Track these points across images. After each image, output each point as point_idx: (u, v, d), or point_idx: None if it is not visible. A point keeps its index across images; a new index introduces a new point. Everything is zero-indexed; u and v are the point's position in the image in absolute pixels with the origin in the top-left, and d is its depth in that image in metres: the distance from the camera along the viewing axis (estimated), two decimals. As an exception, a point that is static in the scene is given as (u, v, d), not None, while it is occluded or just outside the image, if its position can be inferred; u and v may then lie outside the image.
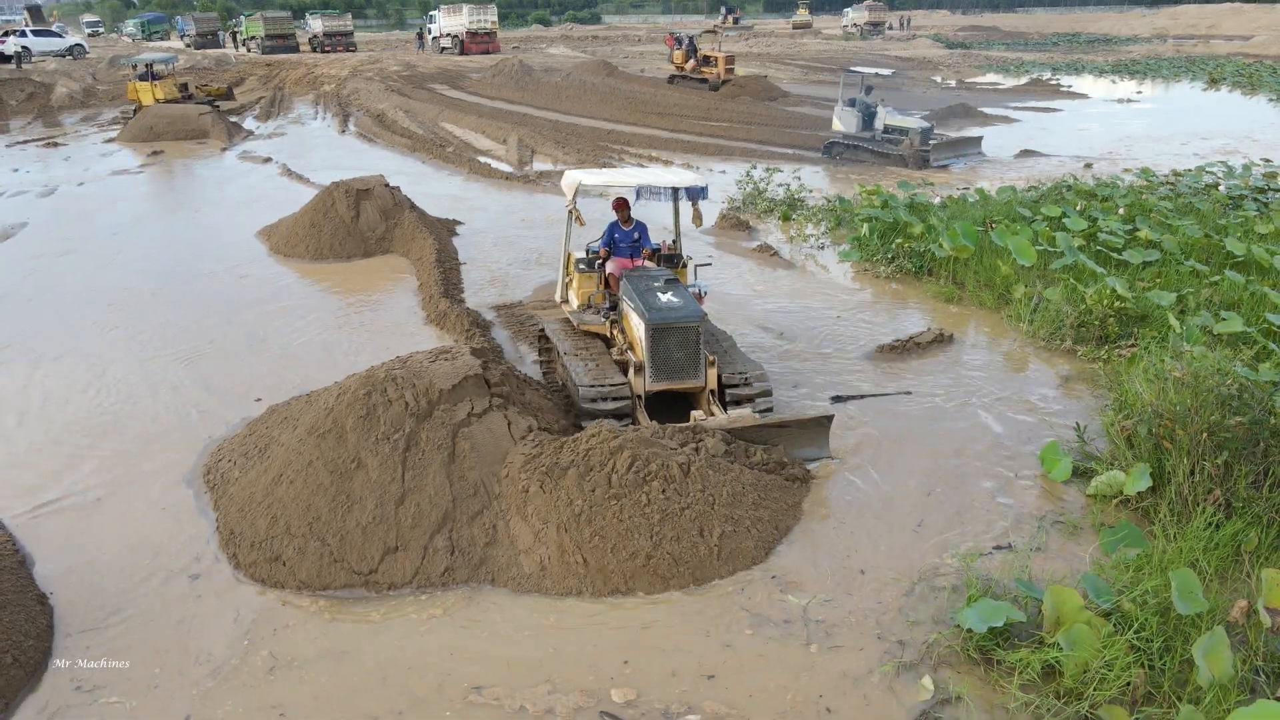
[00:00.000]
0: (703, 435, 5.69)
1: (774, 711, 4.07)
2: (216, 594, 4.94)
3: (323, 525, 5.15)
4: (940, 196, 13.84)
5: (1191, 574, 4.36)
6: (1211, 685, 3.83)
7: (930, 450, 6.45)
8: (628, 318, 6.78)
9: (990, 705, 4.11)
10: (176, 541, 5.42)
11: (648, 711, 4.06)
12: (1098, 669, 4.01)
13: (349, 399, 5.57)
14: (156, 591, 4.96)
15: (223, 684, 4.25)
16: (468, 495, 5.34)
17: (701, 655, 4.42)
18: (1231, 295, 8.74)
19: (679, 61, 31.40)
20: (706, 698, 4.14)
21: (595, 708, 4.07)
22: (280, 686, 4.24)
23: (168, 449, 6.54)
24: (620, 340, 6.96)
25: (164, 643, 4.56)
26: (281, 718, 4.05)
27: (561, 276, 7.96)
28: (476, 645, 4.52)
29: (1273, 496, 5.21)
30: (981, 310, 9.42)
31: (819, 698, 4.16)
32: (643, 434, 5.52)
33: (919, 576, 5.02)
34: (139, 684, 4.28)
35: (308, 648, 4.51)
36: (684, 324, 6.29)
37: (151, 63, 24.66)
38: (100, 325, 9.13)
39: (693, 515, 5.11)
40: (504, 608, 4.82)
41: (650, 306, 6.34)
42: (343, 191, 11.96)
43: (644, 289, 6.59)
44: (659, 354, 6.33)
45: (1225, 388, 5.23)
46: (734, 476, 5.42)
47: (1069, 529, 5.47)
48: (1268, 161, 16.67)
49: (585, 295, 7.51)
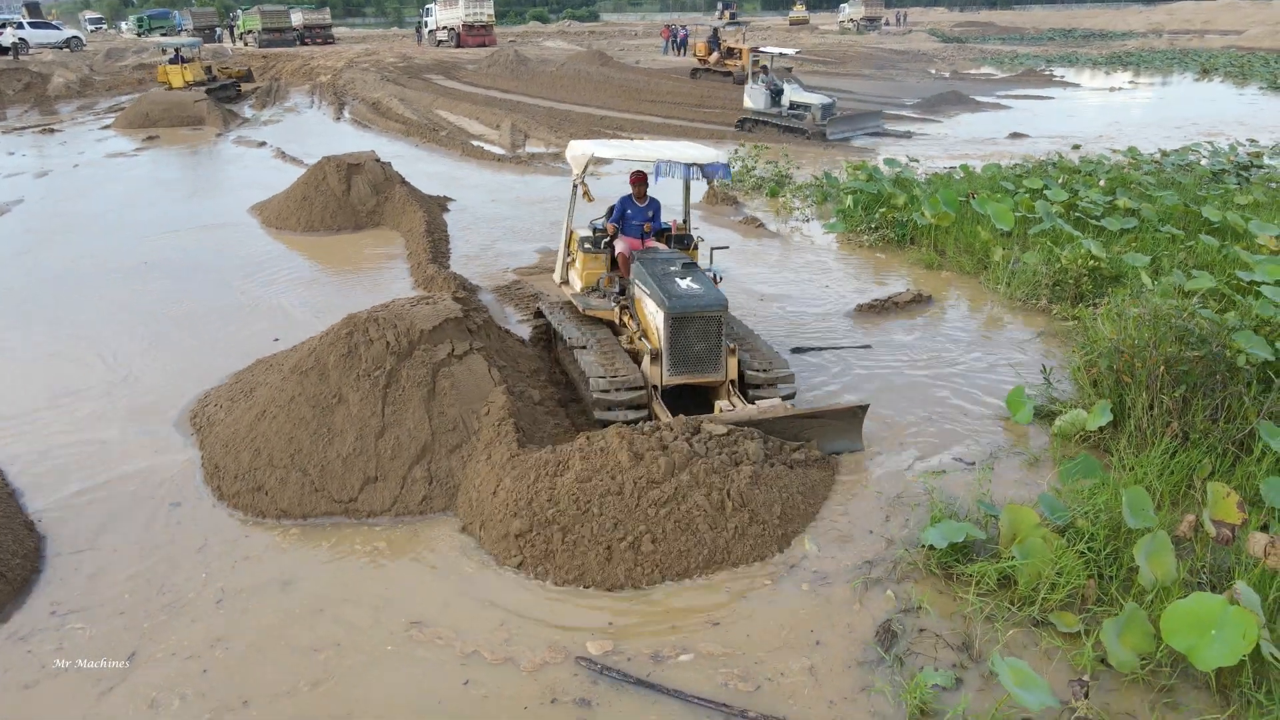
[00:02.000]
0: (741, 440, 5.18)
1: (768, 648, 4.05)
2: (195, 524, 5.06)
3: (304, 457, 5.29)
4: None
5: (1143, 491, 4.51)
6: (1154, 586, 3.98)
7: (900, 399, 6.59)
8: (641, 304, 6.22)
9: (950, 614, 4.26)
10: (164, 477, 5.56)
11: (635, 656, 3.98)
12: (1049, 577, 4.16)
13: (331, 338, 5.71)
14: (141, 522, 5.10)
15: (174, 617, 4.27)
16: (447, 430, 5.49)
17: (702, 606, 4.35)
18: (1206, 258, 8.89)
19: (702, 54, 30.56)
20: (703, 640, 4.10)
21: (562, 663, 3.93)
22: (226, 618, 4.26)
23: (157, 399, 6.68)
24: (632, 327, 6.39)
25: (139, 570, 4.66)
26: (226, 651, 4.05)
27: (563, 255, 7.32)
28: (425, 581, 4.56)
29: (1229, 429, 5.35)
30: (961, 275, 9.57)
31: (810, 631, 4.17)
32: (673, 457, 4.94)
33: (889, 505, 5.17)
34: (108, 611, 4.34)
35: (259, 578, 4.56)
36: (706, 313, 5.71)
37: (180, 47, 26.56)
38: (92, 293, 9.27)
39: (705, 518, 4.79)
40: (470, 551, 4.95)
41: (670, 294, 5.75)
42: (334, 165, 12.09)
43: (660, 274, 6.03)
44: (678, 345, 5.75)
45: (1182, 321, 5.36)
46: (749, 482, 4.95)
47: (1031, 462, 5.62)
48: (1253, 142, 16.80)
49: (590, 277, 6.92)
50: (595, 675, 3.87)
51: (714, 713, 3.66)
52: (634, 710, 3.69)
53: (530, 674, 3.89)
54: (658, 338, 5.89)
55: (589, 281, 6.95)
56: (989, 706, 3.61)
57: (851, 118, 19.83)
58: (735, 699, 3.72)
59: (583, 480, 4.91)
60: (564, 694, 3.77)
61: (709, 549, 4.71)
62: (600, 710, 3.69)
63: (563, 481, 4.94)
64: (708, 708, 3.68)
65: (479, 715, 3.68)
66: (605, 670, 3.87)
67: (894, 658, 3.93)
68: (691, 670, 3.90)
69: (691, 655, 4.00)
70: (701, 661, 3.95)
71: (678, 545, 4.67)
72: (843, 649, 4.02)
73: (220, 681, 3.86)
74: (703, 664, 3.94)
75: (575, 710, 3.69)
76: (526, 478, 5.00)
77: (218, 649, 4.06)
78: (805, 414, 5.59)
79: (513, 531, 4.78)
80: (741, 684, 3.81)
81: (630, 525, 4.70)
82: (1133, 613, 3.78)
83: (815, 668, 3.90)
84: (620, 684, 3.82)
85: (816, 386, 6.81)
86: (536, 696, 3.76)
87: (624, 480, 4.84)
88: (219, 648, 4.07)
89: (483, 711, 3.69)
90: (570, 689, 3.80)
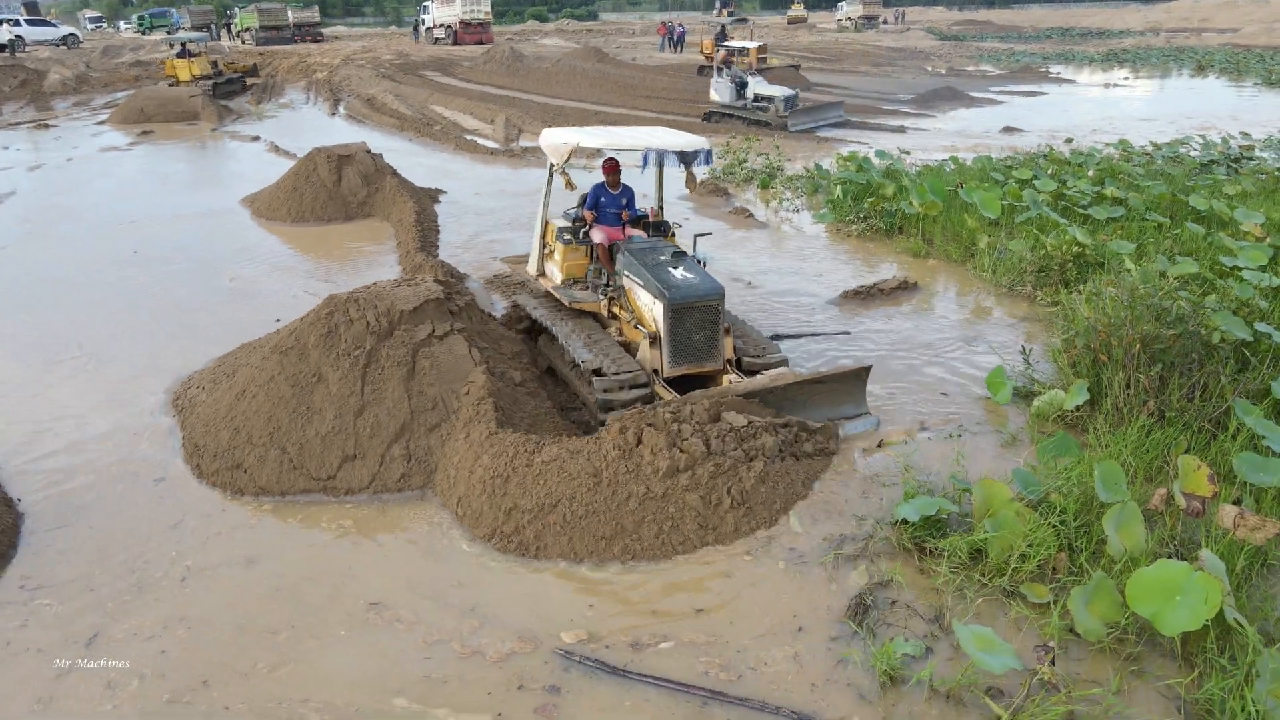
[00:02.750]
0: (761, 434, 5.13)
1: (752, 634, 3.98)
2: (173, 502, 5.08)
3: (283, 435, 5.31)
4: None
5: (1115, 465, 4.53)
6: (1123, 556, 3.99)
7: (880, 383, 6.60)
8: (633, 295, 6.15)
9: (922, 587, 4.27)
10: (145, 457, 5.58)
11: (614, 644, 3.92)
12: (1019, 548, 4.18)
13: (312, 318, 5.73)
14: (120, 500, 5.11)
15: (139, 596, 4.27)
16: (426, 409, 5.50)
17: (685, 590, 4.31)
18: (1191, 245, 8.90)
19: (708, 51, 29.99)
20: (684, 627, 4.03)
21: (532, 653, 3.86)
22: (189, 598, 4.25)
23: (142, 381, 6.70)
24: (624, 318, 6.28)
25: (113, 547, 4.66)
26: (188, 631, 4.03)
27: (538, 246, 7.16)
28: (392, 560, 4.55)
29: (1205, 407, 5.37)
30: (948, 263, 9.58)
31: (794, 616, 4.12)
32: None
33: (866, 483, 5.19)
34: (78, 587, 4.33)
35: (226, 556, 4.55)
36: (705, 302, 5.72)
37: (186, 42, 26.82)
38: (81, 281, 9.29)
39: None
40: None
41: (666, 284, 5.71)
42: (324, 156, 12.11)
43: (653, 264, 5.96)
44: (678, 335, 5.73)
45: (1158, 300, 5.38)
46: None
47: (1008, 441, 5.64)
48: (1245, 135, 16.83)
49: (571, 269, 6.83)
50: (568, 662, 3.80)
51: (689, 697, 3.60)
52: (607, 697, 3.62)
53: (497, 662, 3.82)
54: (655, 326, 5.86)
55: (570, 273, 6.85)
56: (956, 674, 3.63)
57: (812, 109, 20.32)
58: (712, 684, 3.65)
59: (562, 461, 4.94)
60: (532, 681, 3.70)
61: (696, 541, 4.68)
62: (569, 697, 3.62)
63: (540, 459, 4.96)
64: (682, 692, 3.62)
65: (442, 699, 3.62)
66: (584, 660, 3.80)
67: (866, 629, 3.94)
68: (671, 658, 3.82)
69: (672, 643, 3.92)
70: (682, 650, 3.88)
71: (661, 541, 4.65)
72: (823, 631, 3.98)
73: (180, 662, 3.83)
74: (683, 652, 3.87)
75: (544, 696, 3.62)
76: (504, 455, 5.02)
77: (179, 629, 4.03)
78: (813, 379, 5.68)
79: (488, 509, 4.80)
80: (723, 673, 3.72)
81: (615, 515, 4.70)
82: (1100, 581, 3.80)
83: (799, 655, 3.82)
84: (594, 671, 3.75)
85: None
86: (503, 683, 3.68)
87: (614, 471, 4.80)
88: (180, 627, 4.04)
89: (445, 696, 3.64)
90: (540, 675, 3.73)
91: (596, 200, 6.89)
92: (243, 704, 3.60)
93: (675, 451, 4.88)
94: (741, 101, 20.14)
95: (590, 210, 6.85)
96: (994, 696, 3.51)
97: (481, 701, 3.61)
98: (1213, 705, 3.36)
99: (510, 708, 3.57)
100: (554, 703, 3.60)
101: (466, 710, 3.56)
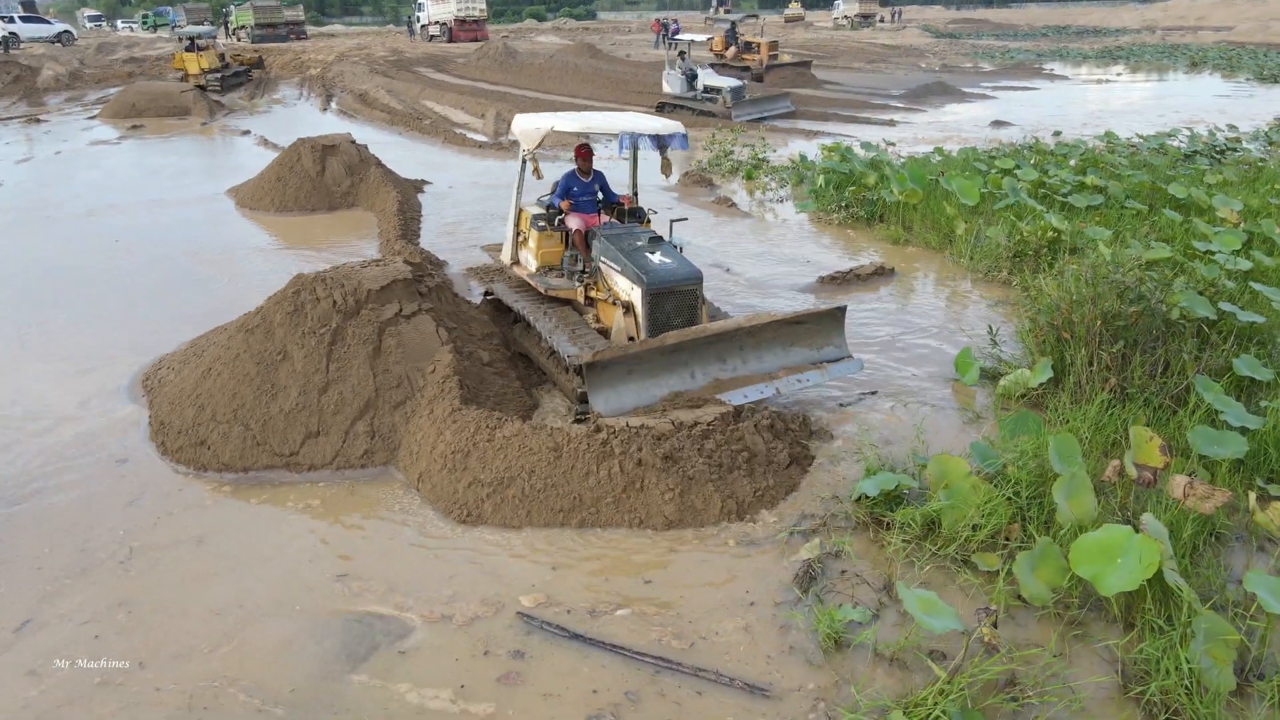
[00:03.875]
0: (747, 436, 5.00)
1: (704, 608, 3.99)
2: (135, 480, 5.09)
3: (247, 412, 5.33)
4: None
5: (1071, 438, 4.54)
6: (1072, 524, 4.01)
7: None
8: (610, 280, 6.12)
9: (875, 559, 4.29)
10: (112, 436, 5.59)
11: (574, 609, 3.95)
12: (973, 518, 4.20)
13: (278, 297, 5.75)
14: (83, 478, 5.13)
15: (80, 577, 4.21)
16: (391, 386, 5.52)
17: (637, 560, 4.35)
18: (1168, 231, 8.93)
19: (719, 49, 28.98)
20: (638, 596, 4.06)
21: (493, 617, 3.90)
22: (132, 578, 4.20)
23: (115, 363, 6.71)
24: (603, 296, 6.25)
25: (67, 525, 4.64)
26: (128, 615, 3.96)
27: (512, 234, 7.13)
28: (355, 534, 4.57)
29: (1167, 384, 5.39)
30: (927, 250, 9.61)
31: (746, 591, 4.11)
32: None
33: (829, 462, 5.20)
34: (24, 566, 4.29)
35: (176, 535, 4.52)
36: (684, 286, 5.75)
37: (196, 36, 27.42)
38: (62, 267, 9.30)
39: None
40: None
41: (645, 269, 5.73)
42: (308, 147, 12.12)
43: (630, 249, 5.97)
44: (657, 320, 5.71)
45: (1119, 276, 5.40)
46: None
47: (973, 419, 5.66)
48: (1232, 128, 16.84)
49: (546, 256, 6.82)
50: (531, 628, 3.81)
51: (642, 665, 3.61)
52: (566, 662, 3.64)
53: (462, 627, 3.83)
54: (637, 314, 5.82)
55: (545, 261, 6.83)
56: (901, 638, 3.65)
57: (758, 100, 20.77)
58: (668, 653, 3.66)
59: (524, 436, 4.95)
60: (498, 646, 3.72)
61: (655, 517, 4.67)
62: (534, 662, 3.64)
63: (502, 434, 4.98)
64: (639, 661, 3.62)
65: (403, 674, 3.60)
66: (544, 625, 3.81)
67: (814, 597, 3.96)
68: (626, 625, 3.83)
69: (629, 610, 3.95)
70: (637, 618, 3.89)
71: (620, 514, 4.65)
72: (773, 601, 3.98)
73: (116, 644, 3.77)
74: (639, 620, 3.88)
75: (509, 663, 3.63)
76: (466, 431, 5.04)
77: (119, 611, 3.98)
78: (790, 318, 5.76)
79: (448, 483, 4.81)
80: (675, 640, 3.73)
81: (575, 489, 4.71)
82: (1046, 546, 3.82)
83: (750, 626, 3.83)
84: (555, 637, 3.77)
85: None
86: (469, 649, 3.70)
87: (576, 446, 4.81)
88: (120, 610, 3.99)
89: (407, 669, 3.62)
90: (505, 641, 3.75)
91: (568, 188, 6.87)
92: (174, 684, 3.54)
93: (639, 429, 4.90)
94: (692, 93, 20.72)
95: (564, 198, 6.82)
96: (936, 658, 3.53)
97: (446, 671, 3.60)
98: (1150, 665, 3.38)
99: (475, 677, 3.57)
100: (517, 670, 3.60)
101: (430, 685, 3.54)
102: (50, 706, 3.45)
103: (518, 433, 4.99)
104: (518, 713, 3.38)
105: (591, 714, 3.37)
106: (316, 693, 3.51)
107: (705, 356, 5.53)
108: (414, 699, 3.46)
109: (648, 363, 5.34)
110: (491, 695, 3.47)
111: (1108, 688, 3.41)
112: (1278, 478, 4.74)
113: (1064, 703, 3.30)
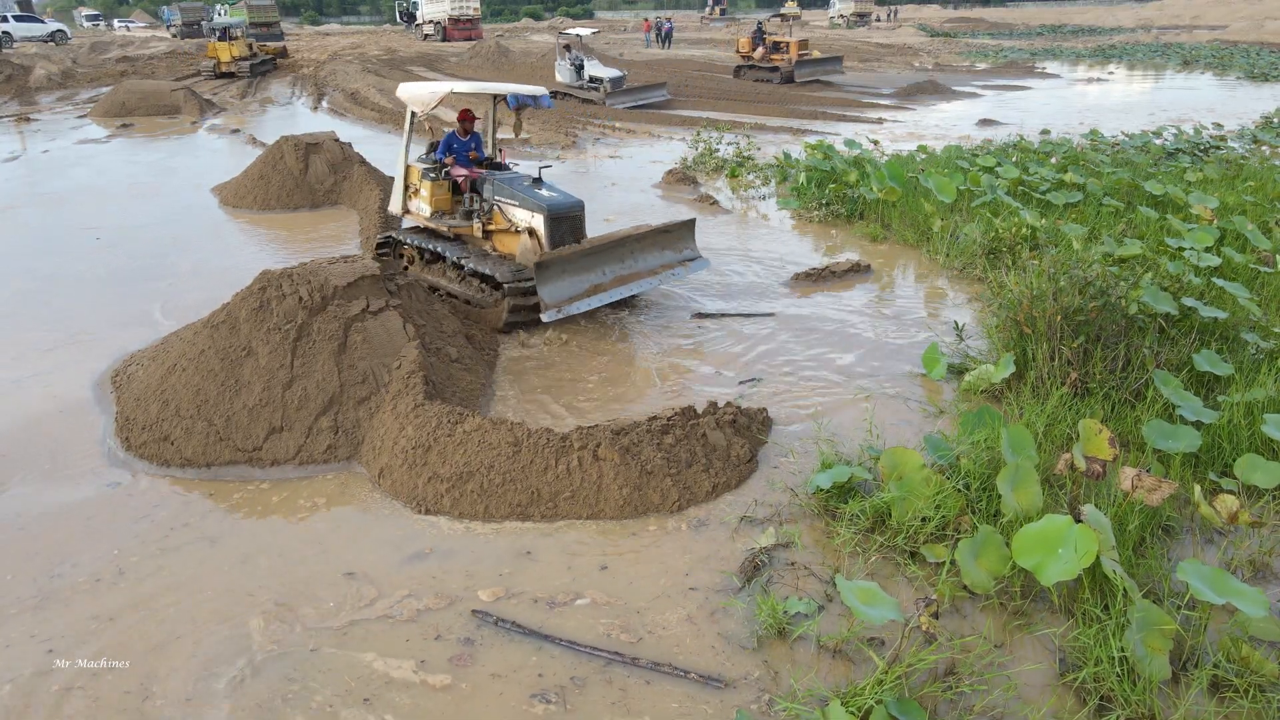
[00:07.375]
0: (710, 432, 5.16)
1: (649, 595, 4.03)
2: (93, 478, 5.12)
3: (210, 407, 5.35)
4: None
5: (1024, 430, 4.57)
6: (1017, 515, 4.04)
7: (819, 360, 6.65)
8: (509, 214, 7.45)
9: (826, 550, 4.32)
10: (74, 433, 5.61)
11: (538, 599, 3.98)
12: (922, 509, 4.22)
13: (244, 294, 5.77)
14: (39, 475, 5.15)
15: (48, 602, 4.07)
16: (356, 382, 5.54)
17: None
18: (1143, 229, 8.96)
19: (745, 50, 28.12)
20: (591, 587, 4.09)
21: (447, 609, 3.92)
22: (105, 596, 4.08)
23: (87, 359, 6.74)
24: (503, 225, 7.50)
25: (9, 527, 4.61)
26: (111, 623, 3.88)
27: (401, 187, 8.21)
28: (310, 531, 4.62)
29: (1127, 378, 5.42)
30: (904, 246, 9.63)
31: (686, 575, 4.17)
32: None
33: (784, 454, 5.23)
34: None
35: (150, 548, 4.45)
36: (574, 211, 7.33)
37: (228, 27, 29.85)
38: (41, 262, 9.32)
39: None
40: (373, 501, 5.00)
41: (541, 200, 7.17)
42: (291, 145, 12.14)
43: (522, 187, 7.38)
44: (556, 236, 7.17)
45: (1080, 272, 5.43)
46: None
47: (935, 414, 5.68)
48: (1219, 126, 16.88)
49: (437, 202, 7.88)
50: (482, 620, 3.83)
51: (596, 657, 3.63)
52: (517, 651, 3.66)
53: (411, 620, 3.84)
54: (540, 235, 7.18)
55: (438, 206, 7.88)
56: (843, 629, 3.68)
57: (633, 90, 22.28)
58: (624, 647, 3.67)
59: (484, 431, 4.98)
60: (449, 632, 3.75)
61: (611, 509, 4.71)
62: (483, 650, 3.66)
63: (462, 429, 5.01)
64: (594, 656, 3.63)
65: (347, 667, 3.69)
66: (499, 622, 3.81)
67: (759, 587, 3.98)
68: (581, 616, 3.85)
69: (588, 600, 3.98)
70: (593, 609, 3.91)
71: (576, 507, 4.69)
72: (720, 591, 4.01)
73: (23, 655, 3.66)
74: (593, 611, 3.89)
75: (458, 648, 3.66)
76: (427, 425, 5.06)
77: (45, 610, 3.93)
78: (660, 227, 7.51)
79: (408, 478, 4.84)
80: (624, 634, 3.74)
81: (533, 483, 4.75)
82: (988, 534, 3.85)
83: (692, 616, 3.85)
84: (507, 631, 3.78)
85: (731, 355, 6.86)
86: (420, 635, 3.73)
87: (535, 441, 4.85)
88: (46, 609, 3.93)
89: (350, 663, 3.67)
90: (455, 629, 3.77)
91: (449, 146, 7.98)
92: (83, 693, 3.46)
93: (595, 426, 4.93)
94: (579, 82, 22.39)
95: (448, 154, 7.95)
96: (878, 649, 3.55)
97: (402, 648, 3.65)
98: (1086, 654, 3.41)
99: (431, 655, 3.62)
100: (468, 653, 3.64)
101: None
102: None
103: (478, 428, 5.02)
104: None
105: (534, 693, 3.40)
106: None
107: (610, 258, 7.15)
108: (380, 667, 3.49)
109: (575, 263, 6.87)
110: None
111: (1045, 675, 3.44)
112: (1231, 471, 4.77)
113: (1000, 690, 3.33)
